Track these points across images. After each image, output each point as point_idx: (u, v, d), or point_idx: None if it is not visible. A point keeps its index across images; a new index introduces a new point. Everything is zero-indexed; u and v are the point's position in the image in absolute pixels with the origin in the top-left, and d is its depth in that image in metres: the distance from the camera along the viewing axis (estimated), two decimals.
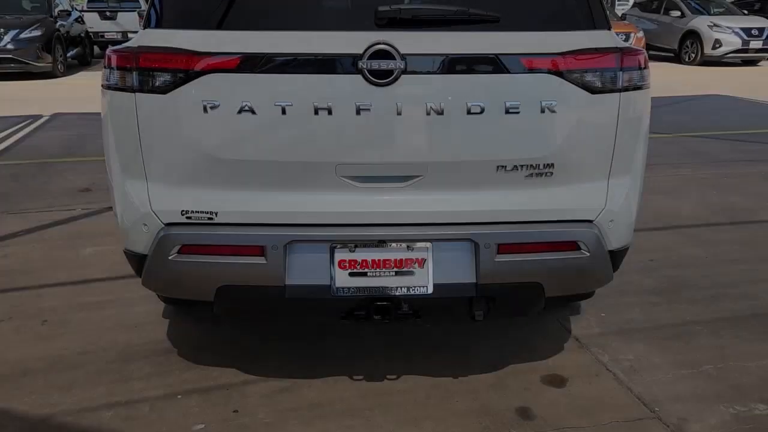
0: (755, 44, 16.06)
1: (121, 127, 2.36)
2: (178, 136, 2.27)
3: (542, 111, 2.27)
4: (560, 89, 2.27)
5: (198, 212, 2.33)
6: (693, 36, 16.52)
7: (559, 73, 2.26)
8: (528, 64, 2.24)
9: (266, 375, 2.88)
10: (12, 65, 12.80)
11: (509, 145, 2.30)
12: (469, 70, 2.25)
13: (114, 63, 2.32)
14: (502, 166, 2.32)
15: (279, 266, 2.31)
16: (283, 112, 2.21)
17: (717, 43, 16.05)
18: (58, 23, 14.03)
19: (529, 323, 3.32)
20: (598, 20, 2.36)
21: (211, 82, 2.20)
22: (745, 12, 18.11)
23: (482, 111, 2.24)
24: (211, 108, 2.22)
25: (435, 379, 2.86)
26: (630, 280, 3.85)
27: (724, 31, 16.07)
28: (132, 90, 2.27)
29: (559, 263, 2.39)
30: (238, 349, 3.09)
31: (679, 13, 17.13)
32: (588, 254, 2.39)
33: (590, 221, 2.42)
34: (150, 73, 2.25)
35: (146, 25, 2.35)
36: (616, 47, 2.34)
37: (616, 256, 2.56)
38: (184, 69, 2.21)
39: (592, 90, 2.30)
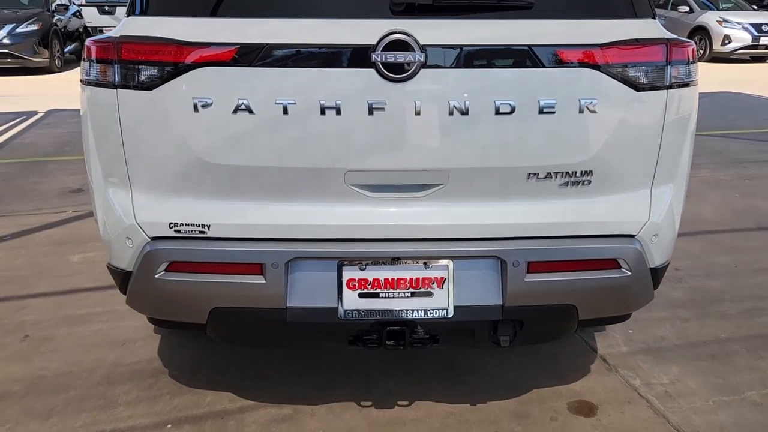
0: (765, 40, 15.73)
1: (101, 127, 2.09)
2: (166, 138, 2.00)
3: (581, 111, 1.99)
4: (601, 86, 2.00)
5: (188, 225, 2.06)
6: (701, 32, 16.19)
7: (599, 68, 1.99)
8: (565, 56, 1.97)
9: (265, 401, 2.62)
10: (8, 60, 12.51)
11: (543, 149, 2.03)
12: (498, 64, 1.98)
13: (93, 55, 2.05)
14: (534, 174, 2.05)
15: (279, 286, 2.05)
16: (285, 111, 1.93)
17: (726, 39, 15.73)
18: (56, 18, 13.73)
19: (550, 341, 3.05)
20: (641, 7, 2.09)
21: (202, 76, 1.93)
22: (755, 7, 17.79)
23: (513, 111, 1.97)
24: (203, 107, 1.94)
25: (451, 407, 2.60)
26: (657, 292, 3.56)
27: (734, 27, 15.75)
28: (113, 86, 2.00)
29: (596, 283, 2.12)
30: (235, 371, 2.83)
31: (687, 9, 16.81)
32: (629, 273, 2.13)
33: (632, 236, 2.15)
34: (133, 66, 1.98)
35: (130, 11, 2.07)
36: (663, 38, 2.07)
37: (658, 274, 2.30)
38: (171, 62, 1.94)
39: (636, 87, 2.03)
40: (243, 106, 1.93)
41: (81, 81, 2.13)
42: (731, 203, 5.24)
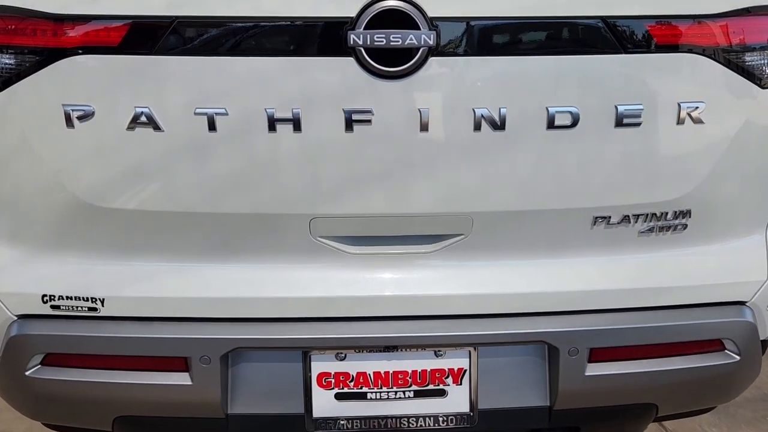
0: None
1: None
2: (27, 166, 1.29)
3: (680, 121, 1.29)
4: (713, 81, 1.30)
5: (72, 298, 1.36)
6: None
7: (709, 53, 1.27)
8: (658, 35, 1.26)
9: None
10: None
11: (619, 181, 1.33)
12: (551, 49, 1.26)
13: None
14: (603, 218, 1.36)
15: (214, 388, 1.38)
16: (212, 126, 1.22)
17: None
18: None
19: None
20: None
21: (77, 70, 1.22)
22: None
23: (575, 123, 1.26)
24: (80, 118, 1.23)
25: None
26: None
27: None
28: None
29: (688, 375, 1.45)
30: None
31: None
32: (737, 358, 1.45)
33: (742, 303, 1.46)
34: None
35: None
36: None
37: (766, 346, 1.61)
38: (31, 46, 1.23)
39: (762, 82, 1.32)
40: (143, 119, 1.22)
41: None
42: None
